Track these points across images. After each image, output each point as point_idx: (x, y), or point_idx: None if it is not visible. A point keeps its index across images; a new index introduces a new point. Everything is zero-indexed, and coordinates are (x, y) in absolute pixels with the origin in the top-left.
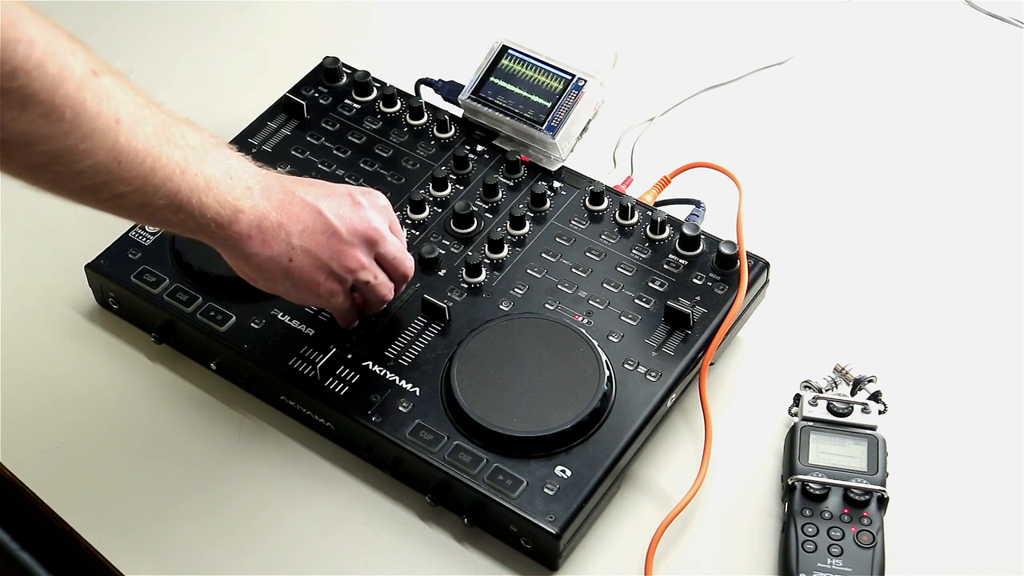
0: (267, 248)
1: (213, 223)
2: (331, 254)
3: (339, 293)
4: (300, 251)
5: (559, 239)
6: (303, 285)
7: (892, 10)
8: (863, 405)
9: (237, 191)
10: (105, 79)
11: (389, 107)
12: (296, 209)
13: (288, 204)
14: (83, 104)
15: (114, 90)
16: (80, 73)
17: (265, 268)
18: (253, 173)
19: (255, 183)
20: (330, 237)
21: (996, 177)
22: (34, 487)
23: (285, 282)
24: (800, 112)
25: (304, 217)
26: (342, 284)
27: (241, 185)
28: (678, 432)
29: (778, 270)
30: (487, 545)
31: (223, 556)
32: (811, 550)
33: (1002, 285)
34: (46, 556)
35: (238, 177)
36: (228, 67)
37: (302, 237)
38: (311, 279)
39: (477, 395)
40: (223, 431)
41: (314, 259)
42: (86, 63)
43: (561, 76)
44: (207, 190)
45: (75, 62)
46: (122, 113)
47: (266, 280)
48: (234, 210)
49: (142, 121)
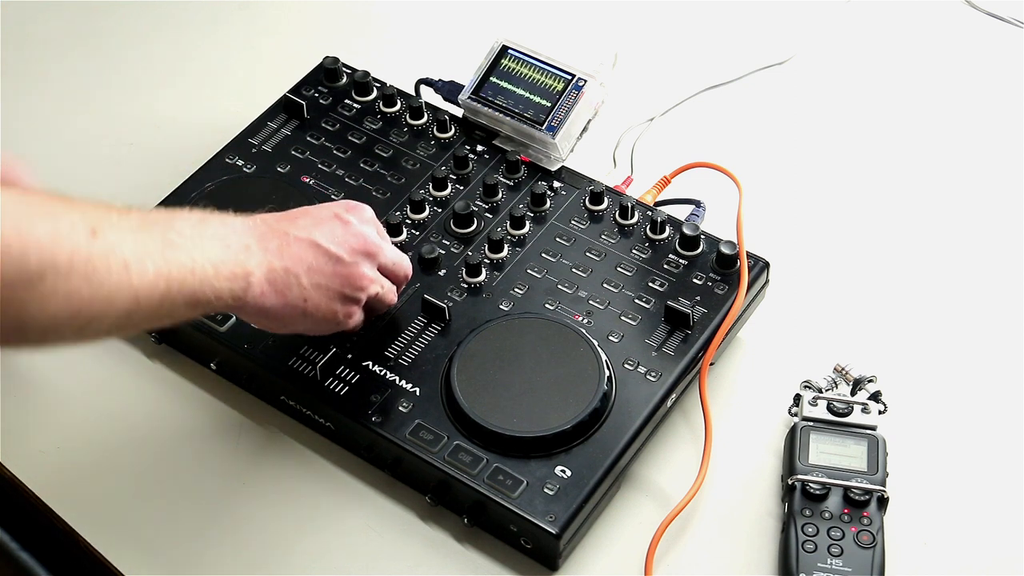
0: (281, 297)
1: (230, 299)
2: (341, 281)
3: (356, 312)
4: (312, 288)
5: (559, 239)
6: (322, 318)
7: (892, 10)
8: (863, 405)
9: (240, 256)
10: (102, 230)
11: (389, 107)
12: (295, 249)
13: (286, 247)
14: (96, 271)
15: (113, 237)
16: (86, 243)
17: (283, 316)
18: (244, 230)
19: (250, 239)
20: (335, 265)
21: (996, 177)
22: (34, 487)
23: (305, 321)
24: (800, 112)
25: (305, 255)
26: (357, 304)
27: (240, 248)
28: (678, 432)
29: (778, 270)
30: (487, 545)
31: (223, 556)
32: (811, 550)
33: (1002, 285)
34: (46, 556)
35: (234, 243)
36: (228, 67)
37: (310, 275)
38: (328, 311)
39: (477, 395)
40: (223, 431)
41: (326, 291)
42: (84, 227)
43: (561, 76)
44: (216, 275)
45: (78, 235)
46: (127, 255)
47: (285, 326)
48: (244, 277)
49: (144, 248)
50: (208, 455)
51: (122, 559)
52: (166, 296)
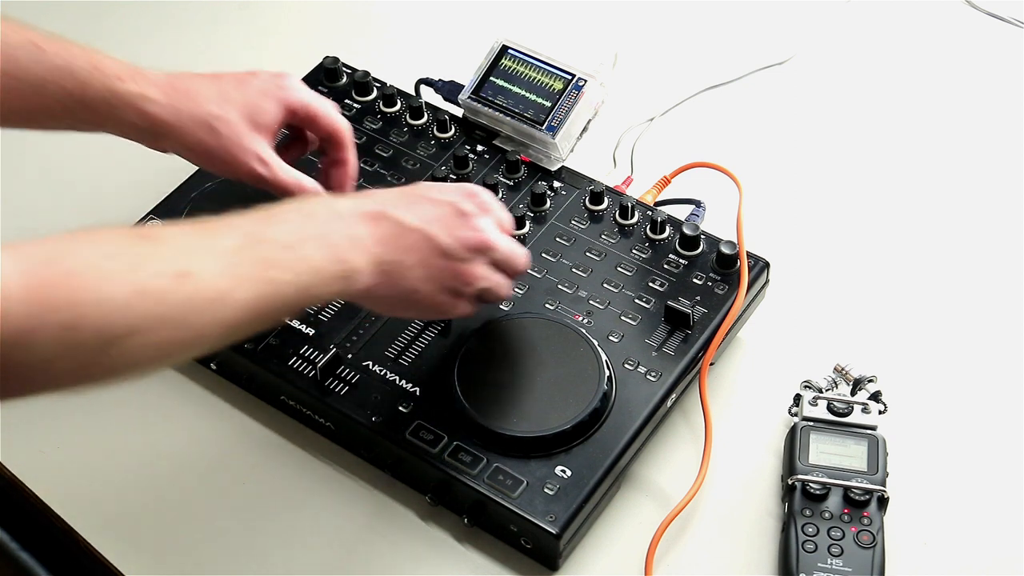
0: (391, 288)
1: (334, 295)
2: (451, 275)
3: (464, 304)
4: (421, 281)
5: (559, 239)
6: (430, 308)
7: (892, 10)
8: (863, 405)
9: (345, 253)
10: (190, 269)
11: (389, 107)
12: (408, 241)
13: (399, 237)
14: (184, 317)
15: (203, 273)
16: (172, 290)
17: (392, 305)
18: (353, 216)
19: (360, 228)
20: (446, 260)
21: (996, 177)
22: (34, 487)
23: (413, 310)
24: (800, 112)
25: (418, 247)
26: (466, 297)
27: (345, 242)
28: (678, 432)
29: (778, 270)
30: (487, 545)
31: (223, 556)
32: (811, 550)
33: (1002, 285)
34: (46, 556)
35: (339, 238)
36: (228, 67)
37: (421, 268)
38: (437, 302)
39: (477, 395)
40: (223, 431)
41: (436, 284)
42: (169, 272)
43: (561, 76)
44: (319, 282)
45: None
46: (220, 287)
47: (394, 312)
48: (349, 275)
49: (238, 274)
50: (208, 455)
51: (122, 559)
52: (263, 315)
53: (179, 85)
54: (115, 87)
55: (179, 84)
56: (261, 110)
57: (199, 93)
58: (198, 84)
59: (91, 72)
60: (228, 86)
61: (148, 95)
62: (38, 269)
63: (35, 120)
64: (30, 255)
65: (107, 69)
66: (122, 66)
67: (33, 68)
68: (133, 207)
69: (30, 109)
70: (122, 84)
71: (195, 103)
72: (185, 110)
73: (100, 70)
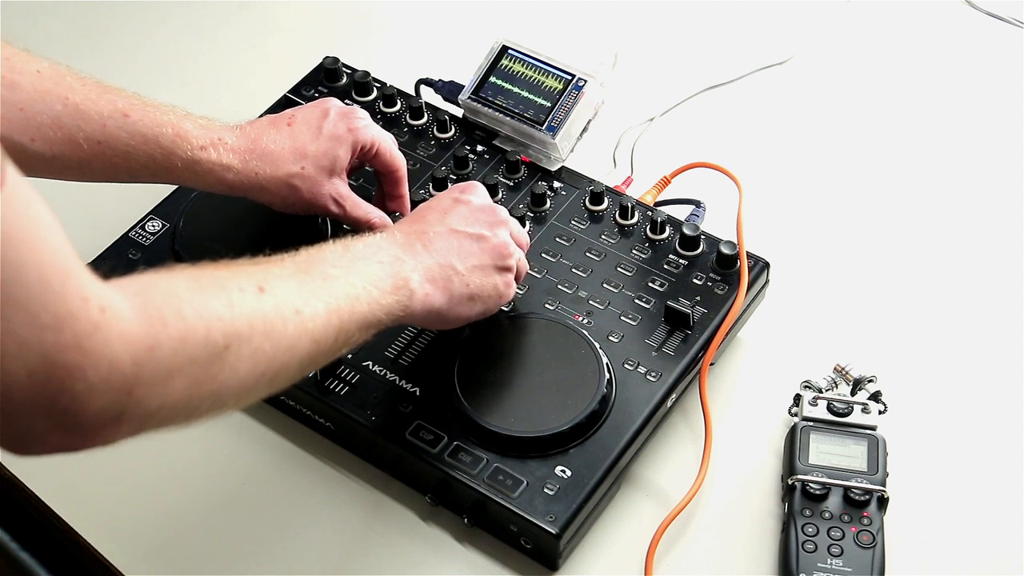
0: (446, 292)
1: (399, 311)
2: (492, 254)
3: (511, 280)
4: (469, 272)
5: (559, 239)
6: (488, 296)
7: (892, 10)
8: (863, 405)
9: (395, 268)
10: (268, 285)
11: (389, 107)
12: (440, 244)
13: (431, 244)
14: (273, 327)
15: (279, 288)
16: (258, 303)
17: (453, 308)
18: (387, 244)
19: (396, 250)
20: (480, 243)
21: (996, 177)
22: (34, 487)
23: (474, 305)
24: (800, 112)
25: (451, 244)
26: (511, 270)
27: (391, 261)
28: (678, 432)
29: (778, 270)
30: (487, 545)
31: (223, 556)
32: (811, 550)
33: (1002, 285)
34: (46, 556)
35: (385, 258)
36: (228, 67)
37: (463, 260)
38: (491, 286)
39: (477, 395)
40: (222, 432)
41: (483, 269)
42: (251, 287)
43: (561, 76)
44: (381, 293)
45: (248, 297)
46: (297, 302)
47: (458, 316)
48: (405, 286)
49: (309, 290)
50: (208, 455)
51: (122, 559)
52: (341, 329)
53: (257, 148)
54: (198, 157)
55: (257, 147)
56: (335, 158)
57: (276, 155)
58: (275, 141)
59: (175, 141)
60: (304, 138)
61: (227, 163)
62: (140, 291)
63: (117, 178)
64: (123, 285)
65: (191, 139)
66: (204, 134)
67: (121, 136)
68: (133, 207)
69: (115, 169)
70: (204, 154)
71: (273, 166)
72: (264, 175)
73: (184, 139)
